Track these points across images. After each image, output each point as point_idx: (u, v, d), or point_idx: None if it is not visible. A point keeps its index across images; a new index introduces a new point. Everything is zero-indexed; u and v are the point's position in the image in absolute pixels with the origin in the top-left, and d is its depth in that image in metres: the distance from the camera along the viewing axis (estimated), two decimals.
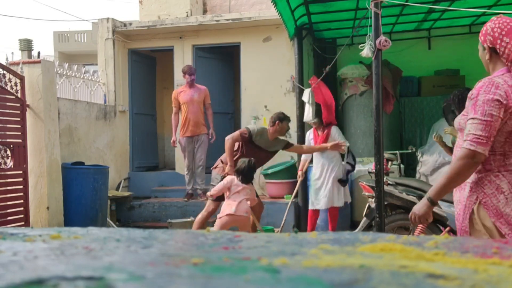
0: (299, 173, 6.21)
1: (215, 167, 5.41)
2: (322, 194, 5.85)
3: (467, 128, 2.19)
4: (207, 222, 5.20)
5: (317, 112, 6.06)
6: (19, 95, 5.81)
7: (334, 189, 5.83)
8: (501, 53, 2.21)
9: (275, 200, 6.93)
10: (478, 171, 2.24)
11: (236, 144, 5.22)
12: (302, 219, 6.52)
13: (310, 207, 6.00)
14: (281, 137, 5.39)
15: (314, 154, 6.01)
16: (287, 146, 5.42)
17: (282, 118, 5.37)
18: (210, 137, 7.05)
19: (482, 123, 2.12)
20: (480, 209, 2.24)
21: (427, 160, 6.28)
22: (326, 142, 5.84)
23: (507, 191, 2.18)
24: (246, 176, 4.86)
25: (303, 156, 6.24)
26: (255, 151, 5.24)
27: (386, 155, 5.33)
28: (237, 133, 5.22)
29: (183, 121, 6.98)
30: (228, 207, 4.80)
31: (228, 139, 5.14)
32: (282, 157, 7.48)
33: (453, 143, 4.63)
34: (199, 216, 5.19)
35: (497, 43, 2.21)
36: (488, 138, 2.12)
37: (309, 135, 6.19)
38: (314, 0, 6.03)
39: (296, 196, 6.46)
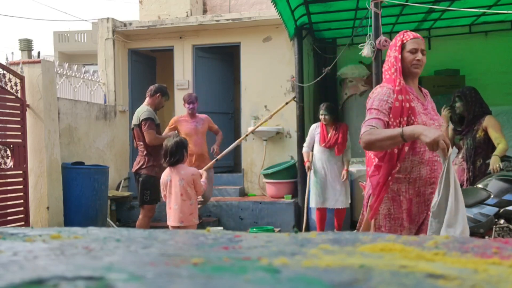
0: (307, 164, 5.91)
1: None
2: (331, 194, 5.76)
3: None
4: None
5: (329, 108, 5.80)
6: (19, 95, 5.81)
7: (342, 189, 5.76)
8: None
9: (275, 200, 6.92)
10: None
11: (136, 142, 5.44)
12: (302, 219, 6.51)
13: (318, 206, 5.85)
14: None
15: (317, 150, 5.87)
16: None
17: (165, 92, 5.47)
18: (212, 151, 6.31)
19: None
20: None
21: None
22: (341, 142, 5.65)
23: None
24: (174, 155, 4.30)
25: (305, 148, 5.99)
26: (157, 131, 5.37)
27: None
28: (151, 131, 5.25)
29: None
30: (168, 216, 4.52)
31: (154, 139, 5.25)
32: (282, 157, 7.48)
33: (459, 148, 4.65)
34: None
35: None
36: None
37: (316, 129, 5.89)
38: (314, 0, 6.03)
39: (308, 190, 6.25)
